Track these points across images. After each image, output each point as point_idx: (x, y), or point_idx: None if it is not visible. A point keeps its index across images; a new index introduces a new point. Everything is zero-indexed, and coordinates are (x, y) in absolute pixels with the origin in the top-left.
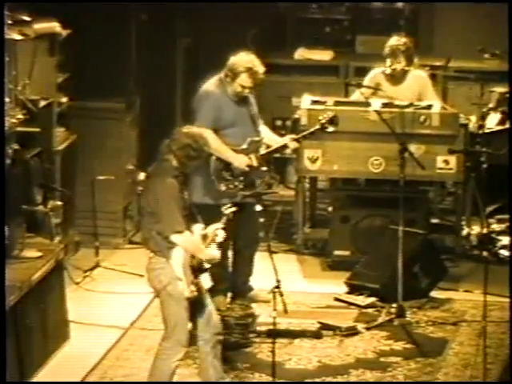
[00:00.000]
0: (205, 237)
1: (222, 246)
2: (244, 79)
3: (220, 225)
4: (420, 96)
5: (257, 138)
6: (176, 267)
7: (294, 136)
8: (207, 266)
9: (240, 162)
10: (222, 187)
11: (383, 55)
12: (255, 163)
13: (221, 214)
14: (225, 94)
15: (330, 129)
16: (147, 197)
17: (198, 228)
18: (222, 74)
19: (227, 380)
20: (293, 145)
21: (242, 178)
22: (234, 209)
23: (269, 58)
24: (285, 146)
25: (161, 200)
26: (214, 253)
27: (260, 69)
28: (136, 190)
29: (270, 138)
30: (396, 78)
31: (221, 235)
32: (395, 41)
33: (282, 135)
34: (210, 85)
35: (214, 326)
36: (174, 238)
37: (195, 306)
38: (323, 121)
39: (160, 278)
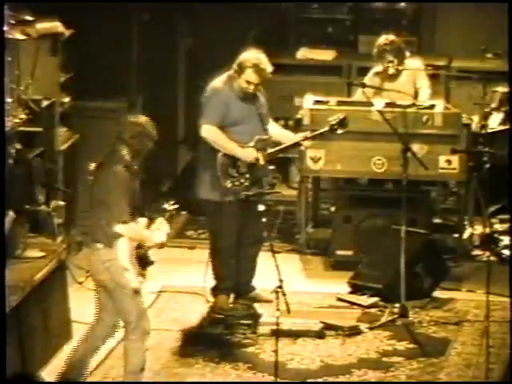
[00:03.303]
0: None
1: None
2: (249, 75)
3: (162, 219)
4: (415, 84)
5: (264, 137)
6: (122, 257)
7: (301, 137)
8: (153, 259)
9: (247, 155)
10: (228, 184)
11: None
12: (262, 161)
13: (225, 210)
14: (232, 91)
15: (340, 131)
16: (97, 186)
17: (142, 221)
18: (231, 71)
19: None
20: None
21: (247, 176)
22: (176, 206)
23: (271, 58)
24: (294, 145)
25: (109, 189)
26: (161, 237)
27: (267, 66)
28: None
29: (281, 134)
30: (389, 75)
31: (164, 229)
32: (382, 40)
33: None
34: (219, 81)
35: (147, 322)
36: (118, 227)
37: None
38: (333, 122)
39: (110, 270)
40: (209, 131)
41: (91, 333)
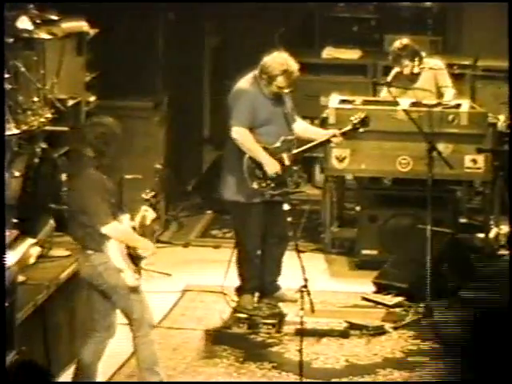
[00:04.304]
0: (139, 225)
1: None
2: (280, 81)
3: (146, 207)
4: (437, 84)
5: (290, 137)
6: (115, 258)
7: (325, 136)
8: (144, 253)
9: (271, 166)
10: (255, 185)
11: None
12: (287, 162)
13: (251, 211)
14: (259, 92)
15: (362, 129)
16: (73, 195)
17: (126, 218)
18: (256, 72)
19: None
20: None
21: (274, 177)
22: (153, 193)
23: (296, 57)
24: (317, 145)
25: (85, 195)
26: (148, 243)
27: (294, 68)
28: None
29: (311, 131)
30: (410, 76)
31: (150, 215)
32: (396, 45)
33: None
34: (245, 83)
35: (150, 316)
36: (103, 229)
37: None
38: (355, 121)
39: (104, 275)
40: (239, 133)
41: (92, 338)
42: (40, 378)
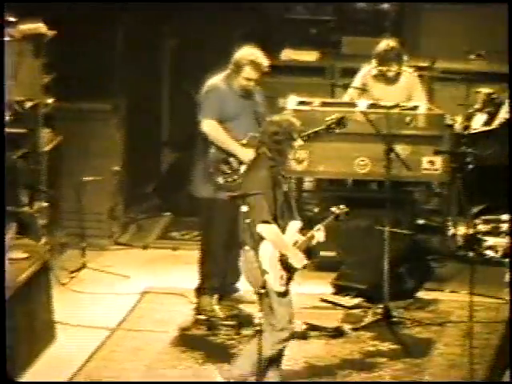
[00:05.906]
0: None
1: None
2: (248, 72)
3: (320, 226)
4: (409, 97)
5: (257, 135)
6: (263, 259)
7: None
8: (297, 265)
9: (244, 155)
10: (220, 180)
11: (372, 57)
12: None
13: (217, 207)
14: (230, 87)
15: (337, 130)
16: (243, 187)
17: (295, 225)
18: (228, 70)
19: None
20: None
21: (240, 172)
22: (346, 209)
23: None
24: None
25: (251, 189)
26: (298, 256)
27: (263, 61)
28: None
29: None
30: (387, 79)
31: (320, 237)
32: (384, 46)
33: None
34: (216, 79)
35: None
36: (259, 227)
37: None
38: (329, 122)
39: (254, 273)
40: (210, 126)
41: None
42: None
